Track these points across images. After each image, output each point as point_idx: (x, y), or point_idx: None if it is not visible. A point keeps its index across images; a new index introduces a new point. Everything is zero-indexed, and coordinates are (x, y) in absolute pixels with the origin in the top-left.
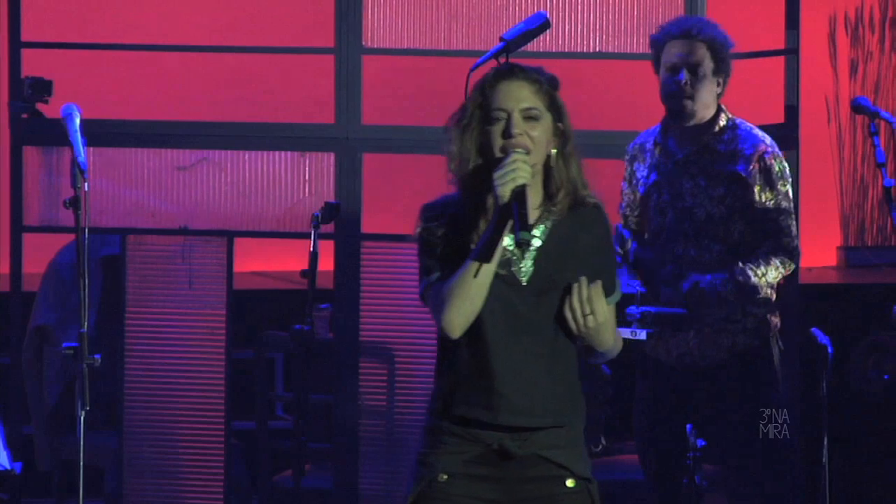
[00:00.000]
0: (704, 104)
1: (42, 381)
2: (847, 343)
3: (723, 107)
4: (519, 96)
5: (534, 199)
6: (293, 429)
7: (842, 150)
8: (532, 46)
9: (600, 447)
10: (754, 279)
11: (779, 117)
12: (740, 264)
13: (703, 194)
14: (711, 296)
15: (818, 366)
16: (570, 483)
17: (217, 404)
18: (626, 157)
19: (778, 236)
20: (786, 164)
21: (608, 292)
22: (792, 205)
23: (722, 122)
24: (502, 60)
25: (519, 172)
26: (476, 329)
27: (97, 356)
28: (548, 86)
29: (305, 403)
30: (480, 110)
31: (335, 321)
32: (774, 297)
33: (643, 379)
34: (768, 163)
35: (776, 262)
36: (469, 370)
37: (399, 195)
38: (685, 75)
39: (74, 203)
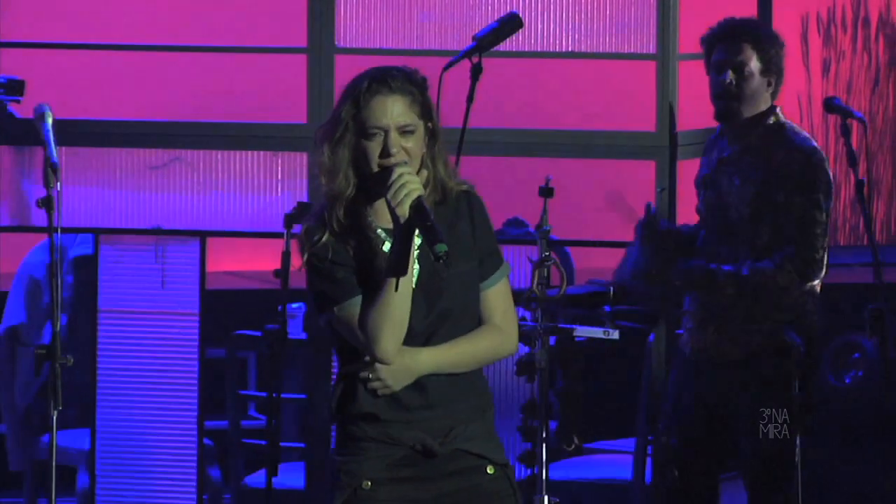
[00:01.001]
0: (751, 104)
1: (14, 380)
2: (820, 343)
3: (776, 108)
4: (394, 112)
5: None
6: (266, 428)
7: None
8: (504, 46)
9: (573, 447)
10: (758, 279)
11: None
12: (749, 262)
13: (737, 195)
14: (704, 279)
15: (790, 366)
16: (490, 470)
17: (190, 403)
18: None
19: (798, 243)
20: (823, 175)
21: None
22: (823, 216)
23: (769, 123)
24: (475, 60)
25: (411, 186)
26: None
27: (69, 356)
28: (420, 94)
29: (278, 403)
30: (354, 122)
31: (308, 321)
32: (812, 304)
33: (672, 371)
34: (802, 169)
35: (789, 267)
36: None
37: None
38: (730, 75)
39: (47, 203)
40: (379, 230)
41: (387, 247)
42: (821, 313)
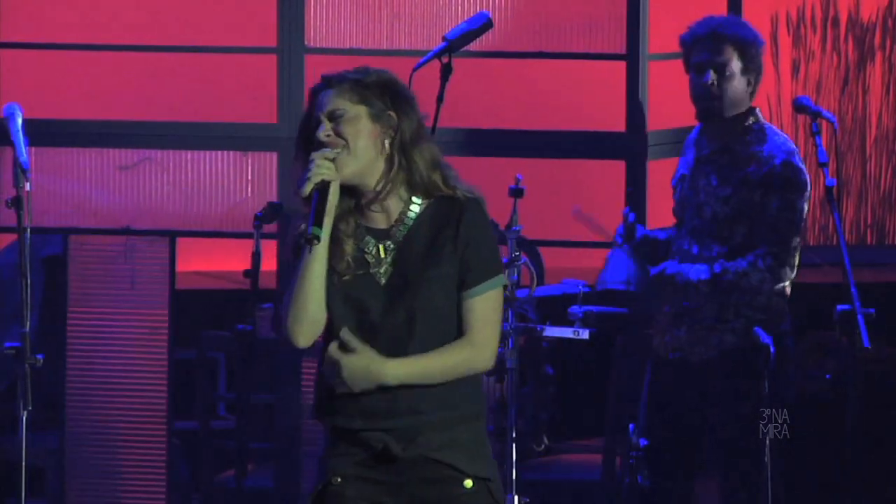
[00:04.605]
0: (733, 104)
1: None
2: (794, 343)
3: (756, 109)
4: (324, 102)
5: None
6: (235, 429)
7: None
8: (474, 46)
9: (542, 447)
10: (731, 277)
11: None
12: (722, 260)
13: (713, 193)
14: (678, 283)
15: (760, 365)
16: (467, 484)
17: (159, 404)
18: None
19: (771, 243)
20: (800, 176)
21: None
22: (797, 217)
23: (748, 123)
24: (444, 60)
25: (318, 170)
26: (333, 334)
27: (39, 356)
28: (355, 83)
29: (247, 403)
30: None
31: (277, 321)
32: (782, 304)
33: (650, 374)
34: (780, 169)
35: (761, 265)
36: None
37: None
38: (711, 76)
39: (16, 203)
40: (361, 229)
41: (370, 246)
42: (790, 314)
